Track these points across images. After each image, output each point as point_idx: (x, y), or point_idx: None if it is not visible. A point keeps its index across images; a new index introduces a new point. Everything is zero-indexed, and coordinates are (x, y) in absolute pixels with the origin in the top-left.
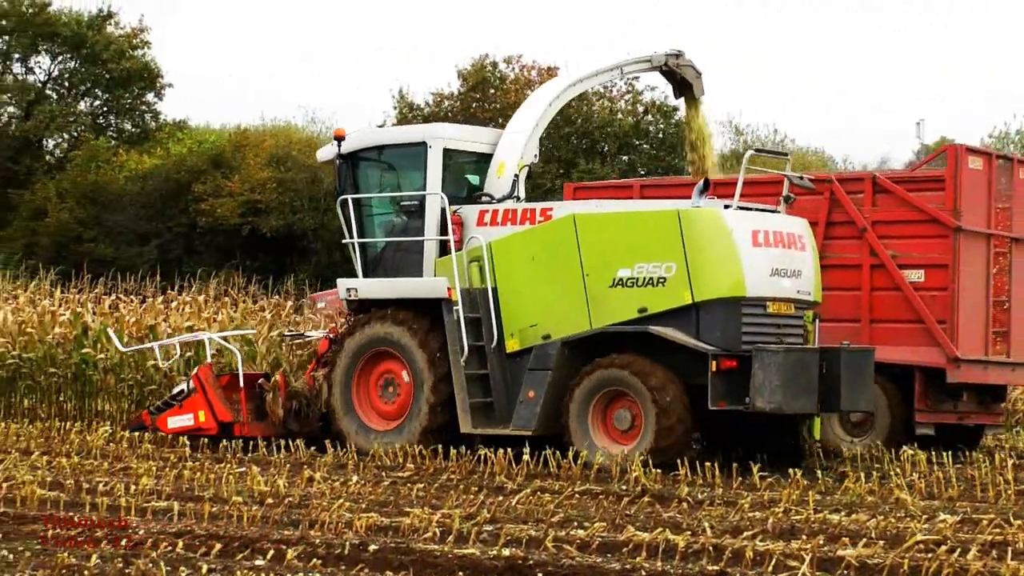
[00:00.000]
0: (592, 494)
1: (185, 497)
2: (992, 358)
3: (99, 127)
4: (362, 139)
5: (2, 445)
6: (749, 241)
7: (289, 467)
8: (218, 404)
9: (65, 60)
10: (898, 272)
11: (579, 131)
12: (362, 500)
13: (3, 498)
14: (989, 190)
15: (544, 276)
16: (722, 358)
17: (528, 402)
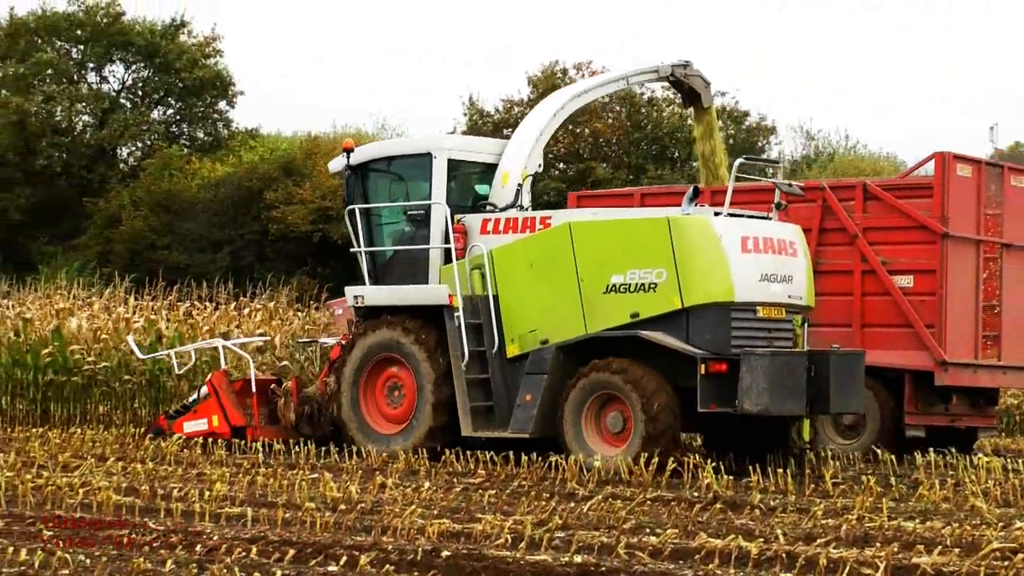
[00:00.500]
0: (664, 500)
1: (258, 503)
2: (982, 361)
3: (172, 135)
4: (370, 151)
5: (78, 451)
6: (738, 247)
7: (361, 473)
8: (231, 409)
9: (139, 69)
10: (888, 278)
11: (649, 137)
12: (434, 506)
13: (79, 504)
14: (978, 197)
15: (542, 282)
16: (711, 361)
17: (525, 405)
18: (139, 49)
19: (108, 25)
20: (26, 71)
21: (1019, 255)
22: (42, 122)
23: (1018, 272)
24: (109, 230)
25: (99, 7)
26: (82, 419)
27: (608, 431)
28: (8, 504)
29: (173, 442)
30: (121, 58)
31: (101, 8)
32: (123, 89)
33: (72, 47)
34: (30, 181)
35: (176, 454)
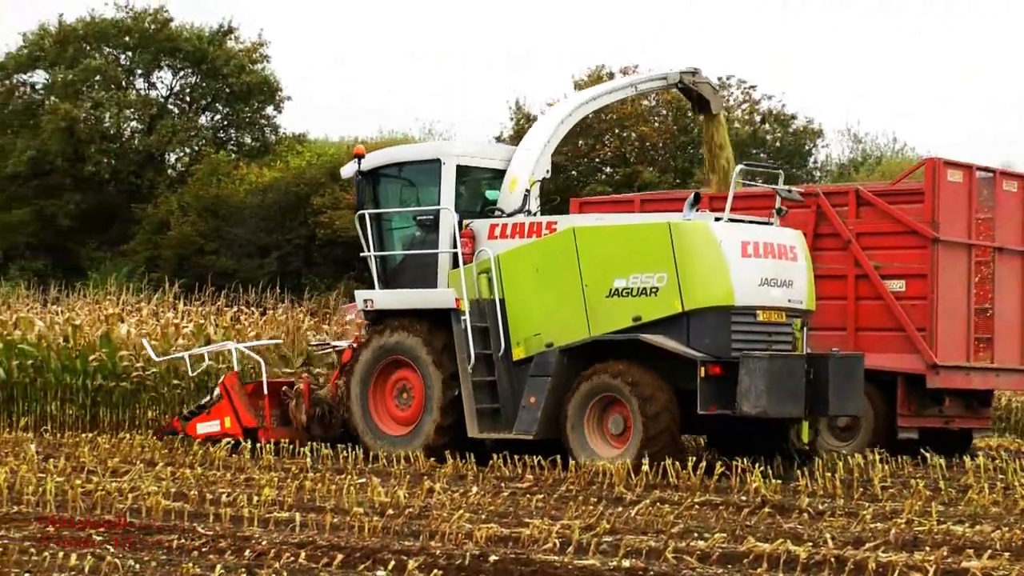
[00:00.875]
0: (712, 505)
1: (307, 508)
2: (975, 364)
3: (220, 141)
4: (381, 157)
5: (127, 456)
6: (738, 252)
7: (409, 478)
8: (243, 410)
9: (186, 75)
10: (880, 282)
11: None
12: (482, 511)
13: (129, 509)
14: (970, 202)
15: (547, 286)
16: (710, 364)
17: (530, 407)
18: (187, 55)
19: (156, 31)
20: (75, 77)
21: (1011, 259)
22: (91, 128)
23: (1010, 275)
24: (157, 236)
25: (147, 13)
26: (131, 424)
27: (610, 433)
28: (58, 509)
29: (222, 447)
30: (169, 64)
31: (149, 14)
32: (171, 95)
33: (120, 53)
34: (79, 187)
35: (224, 459)
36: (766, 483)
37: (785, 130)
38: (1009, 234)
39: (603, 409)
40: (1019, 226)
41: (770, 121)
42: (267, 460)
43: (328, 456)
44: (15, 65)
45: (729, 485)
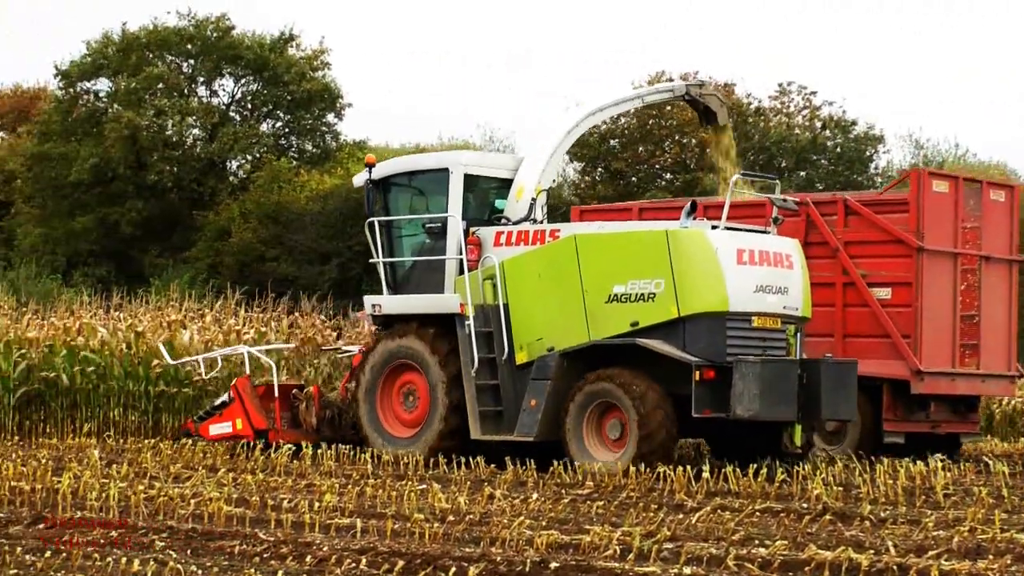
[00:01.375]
0: (773, 512)
1: (367, 514)
2: (960, 370)
3: (281, 148)
4: (392, 166)
5: (189, 462)
6: (734, 259)
7: (469, 484)
8: (254, 412)
9: (248, 82)
10: (867, 290)
11: (756, 147)
12: (542, 517)
13: (191, 514)
14: (956, 211)
15: (549, 292)
16: (704, 368)
17: (530, 410)
18: (248, 63)
19: (218, 39)
20: (138, 85)
21: (998, 267)
22: (153, 136)
23: (997, 283)
24: (219, 242)
25: (209, 21)
26: None
27: (608, 437)
28: (121, 515)
29: (283, 453)
30: (231, 72)
31: (211, 22)
32: (232, 102)
33: (183, 61)
34: (142, 195)
35: (286, 465)
36: (827, 490)
37: (846, 136)
38: (996, 243)
39: (601, 414)
40: (1007, 235)
41: (831, 127)
42: (328, 466)
43: (389, 462)
44: (79, 73)
45: (790, 492)
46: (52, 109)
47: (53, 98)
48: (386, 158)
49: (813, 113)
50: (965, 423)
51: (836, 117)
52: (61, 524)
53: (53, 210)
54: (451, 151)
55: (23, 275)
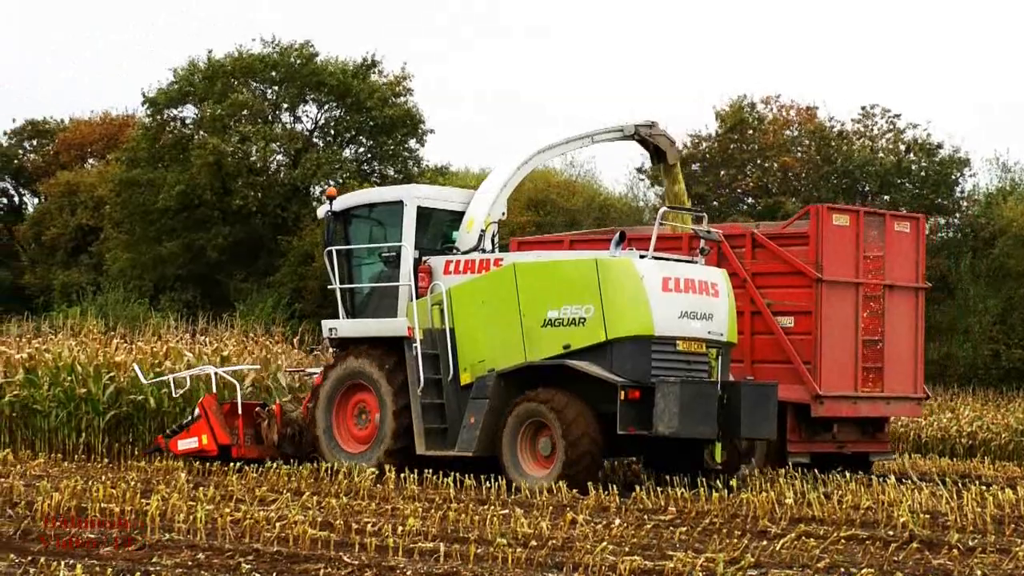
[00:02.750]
0: (858, 539)
1: (450, 538)
2: (863, 393)
3: (363, 173)
4: (352, 199)
5: (274, 485)
6: (659, 287)
7: (552, 509)
8: (219, 429)
9: (331, 108)
10: (772, 319)
11: (839, 171)
12: (625, 543)
13: (277, 537)
14: (857, 243)
15: (491, 317)
16: (629, 388)
17: (469, 427)
18: (331, 89)
19: (302, 66)
20: (223, 112)
21: (901, 294)
22: (238, 162)
23: (902, 309)
24: (303, 267)
25: (293, 48)
26: None
27: (540, 454)
28: (208, 537)
29: (366, 477)
30: (314, 98)
31: (295, 49)
32: (316, 128)
33: (267, 88)
34: (227, 220)
35: (369, 489)
36: (914, 518)
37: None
38: (902, 271)
39: (534, 432)
40: (912, 264)
41: (915, 150)
42: (411, 490)
43: (471, 487)
44: (166, 101)
45: (875, 519)
46: (140, 136)
47: (141, 125)
48: (468, 184)
49: (897, 136)
50: (874, 443)
51: (920, 140)
52: (150, 546)
53: (141, 235)
54: (406, 185)
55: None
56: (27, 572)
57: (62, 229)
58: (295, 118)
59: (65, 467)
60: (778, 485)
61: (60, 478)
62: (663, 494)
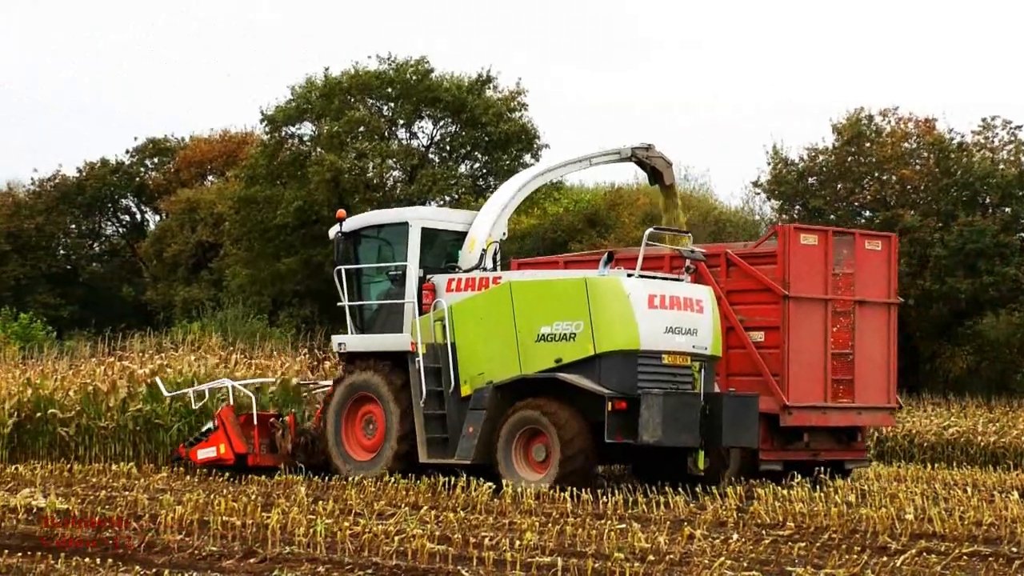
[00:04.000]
0: (980, 556)
1: (568, 553)
2: (832, 403)
3: (479, 189)
4: (361, 220)
5: (392, 499)
6: (645, 304)
7: (669, 524)
8: (235, 438)
9: (446, 124)
10: (744, 334)
11: (959, 183)
12: (743, 558)
13: (395, 551)
14: (826, 261)
15: (489, 332)
16: (616, 400)
17: (468, 436)
18: (447, 105)
19: (417, 82)
20: (340, 129)
21: (872, 309)
22: (355, 178)
23: (872, 323)
24: None
25: (409, 65)
26: None
27: (534, 460)
28: (328, 551)
29: (483, 491)
30: (429, 114)
31: (411, 66)
32: (431, 144)
33: (383, 105)
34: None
35: (486, 503)
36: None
37: None
38: (873, 288)
39: (528, 439)
40: (884, 280)
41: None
42: (528, 504)
43: (588, 501)
44: (284, 118)
45: (998, 535)
46: (258, 153)
47: (259, 143)
48: (583, 198)
49: (1019, 148)
50: (849, 451)
51: None
52: (271, 559)
53: (259, 252)
54: (411, 207)
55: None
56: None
57: (183, 246)
58: (411, 134)
59: (187, 480)
60: (898, 501)
61: (183, 491)
62: (781, 509)
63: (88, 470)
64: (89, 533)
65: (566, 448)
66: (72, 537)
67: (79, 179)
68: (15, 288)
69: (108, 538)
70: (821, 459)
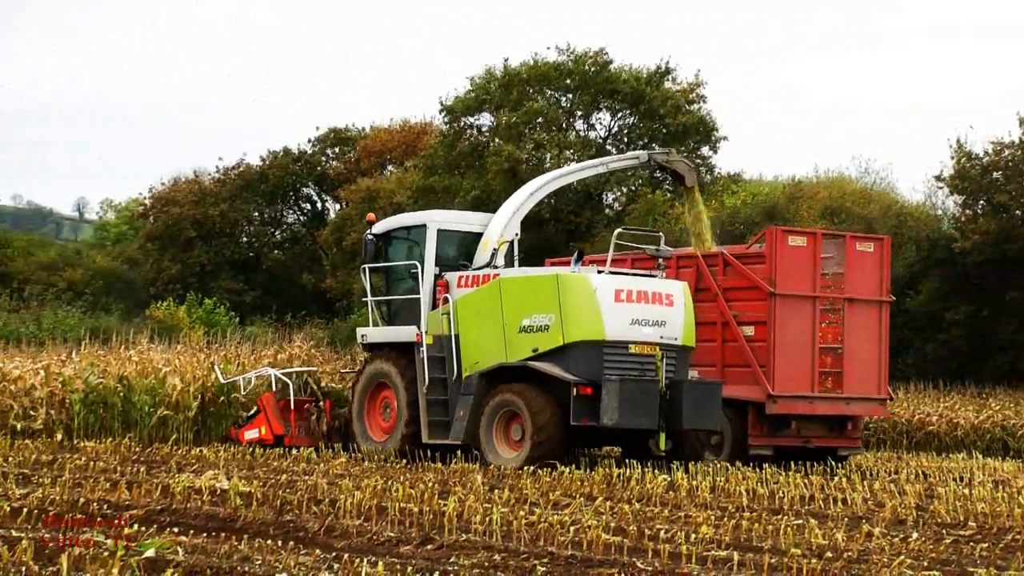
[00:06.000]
0: None
1: (744, 547)
2: (819, 394)
3: (656, 181)
4: (387, 223)
5: (567, 490)
6: (611, 298)
7: (847, 521)
8: (274, 421)
9: (624, 116)
10: (737, 328)
11: None
12: (923, 558)
13: (570, 541)
14: (814, 261)
15: (484, 325)
16: (581, 386)
17: (459, 419)
18: (625, 96)
19: (596, 73)
20: (518, 120)
21: (863, 307)
22: (532, 169)
23: (863, 319)
24: None
25: (588, 56)
26: None
27: (512, 439)
28: (503, 539)
29: (658, 484)
30: (608, 105)
31: (589, 57)
32: (609, 136)
33: (561, 96)
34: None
35: (661, 495)
36: None
37: None
38: (864, 287)
39: (507, 421)
40: (876, 280)
41: None
42: (703, 498)
43: (764, 495)
44: (463, 108)
45: None
46: (437, 143)
47: (438, 133)
48: (762, 190)
49: None
50: (842, 439)
51: None
52: (447, 546)
53: None
54: (429, 211)
55: None
56: (331, 567)
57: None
58: (589, 125)
59: (365, 466)
60: None
61: (361, 477)
62: (962, 508)
63: (269, 454)
64: (271, 516)
65: (537, 429)
66: (254, 519)
67: (262, 168)
68: (200, 274)
69: (289, 521)
70: (812, 446)
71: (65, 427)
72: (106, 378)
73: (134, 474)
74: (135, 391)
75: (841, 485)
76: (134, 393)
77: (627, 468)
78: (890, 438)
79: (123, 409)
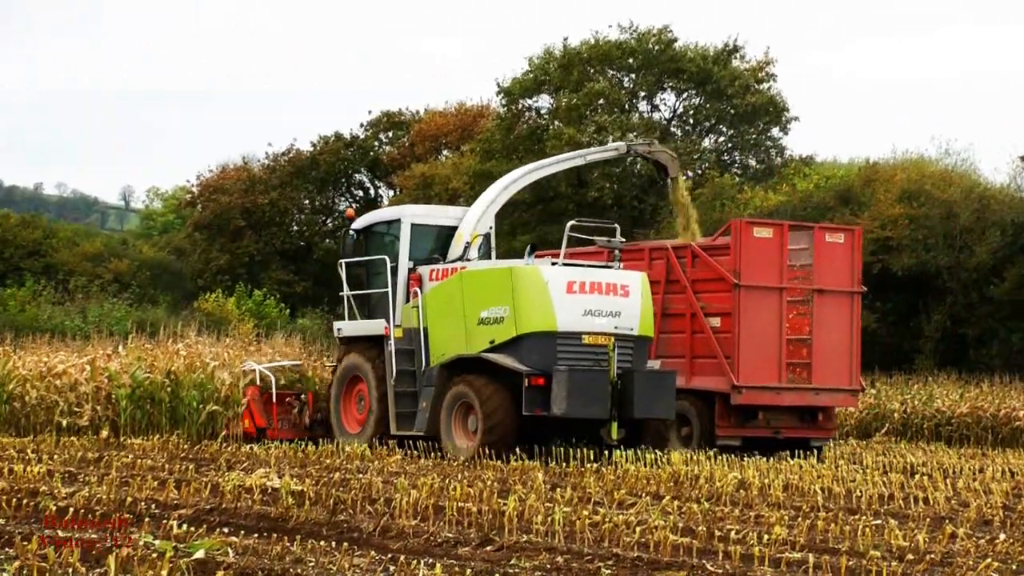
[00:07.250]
0: None
1: (819, 549)
2: (786, 384)
3: (723, 163)
4: (366, 219)
5: (633, 488)
6: (563, 289)
7: (929, 521)
8: (257, 414)
9: (690, 96)
10: (704, 319)
11: None
12: (1011, 560)
13: (637, 542)
14: (781, 253)
15: (448, 317)
16: (533, 376)
17: (422, 410)
18: (690, 76)
19: (660, 52)
20: (579, 101)
21: (833, 298)
22: None
23: (832, 310)
24: None
25: (651, 34)
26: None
27: (468, 430)
28: (566, 540)
29: (728, 482)
30: (672, 86)
31: (653, 35)
32: (674, 117)
33: (624, 76)
34: (581, 213)
35: (731, 495)
36: None
37: None
38: (834, 277)
39: (465, 412)
40: (847, 271)
41: None
42: (776, 497)
43: (840, 495)
44: (521, 90)
45: None
46: (494, 127)
47: (495, 116)
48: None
49: None
50: (813, 429)
51: None
52: (507, 547)
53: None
54: (403, 206)
55: None
56: (387, 570)
57: None
58: (653, 107)
59: (421, 464)
60: None
61: (417, 475)
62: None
63: (322, 451)
64: (324, 516)
65: (488, 419)
66: (307, 519)
67: (313, 154)
68: (249, 264)
69: (343, 521)
70: (783, 436)
71: (112, 423)
72: (153, 373)
73: (182, 472)
74: (183, 386)
75: (922, 484)
76: (182, 388)
77: (695, 466)
78: (974, 433)
79: (171, 405)
